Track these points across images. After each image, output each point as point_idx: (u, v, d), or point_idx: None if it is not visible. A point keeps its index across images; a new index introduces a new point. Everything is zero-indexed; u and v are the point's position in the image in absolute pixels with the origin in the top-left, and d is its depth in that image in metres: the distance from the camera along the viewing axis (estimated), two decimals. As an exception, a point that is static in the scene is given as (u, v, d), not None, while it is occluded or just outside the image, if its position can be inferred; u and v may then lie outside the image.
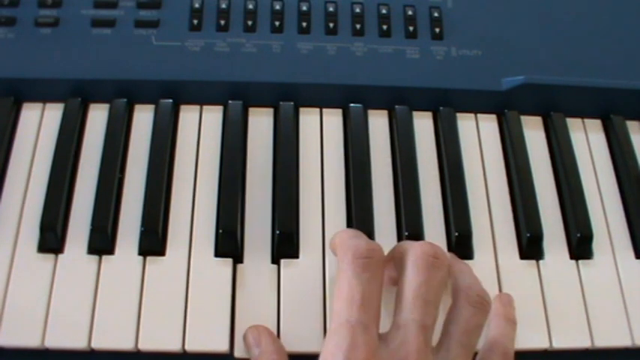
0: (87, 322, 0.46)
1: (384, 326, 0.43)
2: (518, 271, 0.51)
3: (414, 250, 0.44)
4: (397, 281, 0.44)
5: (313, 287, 0.48)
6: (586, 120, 0.59)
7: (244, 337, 0.46)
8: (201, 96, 0.56)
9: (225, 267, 0.49)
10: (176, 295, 0.47)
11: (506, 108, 0.57)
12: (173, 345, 0.46)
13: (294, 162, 0.53)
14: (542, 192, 0.54)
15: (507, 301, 0.48)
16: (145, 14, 0.57)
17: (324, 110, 0.57)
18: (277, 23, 0.58)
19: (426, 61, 0.57)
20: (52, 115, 0.55)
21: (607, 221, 0.54)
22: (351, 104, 0.56)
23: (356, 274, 0.42)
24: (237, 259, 0.49)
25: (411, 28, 0.59)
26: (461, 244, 0.51)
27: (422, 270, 0.43)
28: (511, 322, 0.47)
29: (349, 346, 0.40)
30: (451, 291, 0.45)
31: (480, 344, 0.45)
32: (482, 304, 0.44)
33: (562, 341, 0.48)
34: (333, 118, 0.56)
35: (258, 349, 0.45)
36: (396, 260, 0.45)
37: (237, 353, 0.46)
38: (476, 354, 0.45)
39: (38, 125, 0.54)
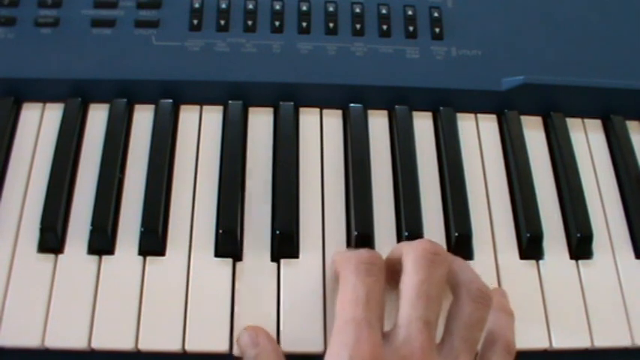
0: (87, 322, 0.46)
1: (387, 329, 0.43)
2: (518, 271, 0.51)
3: (413, 248, 0.44)
4: (397, 285, 0.44)
5: (313, 287, 0.48)
6: (586, 120, 0.59)
7: (238, 339, 0.46)
8: (201, 96, 0.56)
9: (225, 267, 0.49)
10: (176, 295, 0.47)
11: (506, 108, 0.57)
12: (173, 345, 0.46)
13: (294, 162, 0.53)
14: (542, 192, 0.54)
15: (502, 294, 0.48)
16: (145, 14, 0.57)
17: (324, 110, 0.57)
18: (277, 23, 0.58)
19: (426, 61, 0.57)
20: (52, 115, 0.55)
21: (607, 221, 0.54)
22: (351, 104, 0.56)
23: (360, 278, 0.43)
24: (237, 259, 0.49)
25: (411, 28, 0.59)
26: (461, 244, 0.51)
27: (423, 267, 0.43)
28: (509, 313, 0.47)
29: (354, 342, 0.40)
30: (451, 287, 0.45)
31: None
32: (483, 298, 0.44)
33: (562, 341, 0.48)
34: (333, 118, 0.56)
35: (256, 349, 0.45)
36: (395, 260, 0.45)
37: (236, 353, 0.46)
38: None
39: (38, 125, 0.54)
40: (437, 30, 0.59)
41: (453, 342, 0.42)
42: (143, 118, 0.55)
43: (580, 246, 0.52)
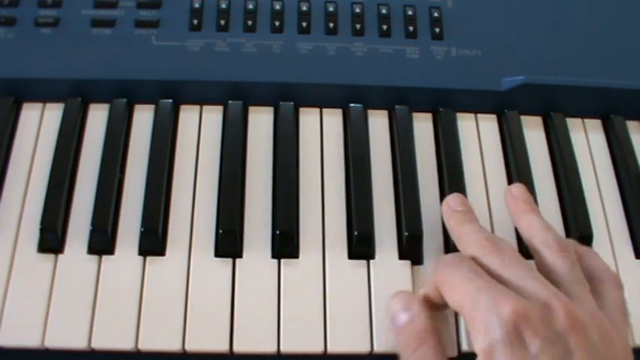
0: (87, 322, 0.46)
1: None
2: (518, 271, 0.51)
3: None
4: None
5: (313, 287, 0.48)
6: (586, 120, 0.59)
7: (390, 306, 0.45)
8: (201, 96, 0.56)
9: (225, 267, 0.49)
10: (176, 295, 0.47)
11: (506, 108, 0.57)
12: (173, 345, 0.46)
13: (294, 162, 0.53)
14: (542, 192, 0.54)
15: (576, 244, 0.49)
16: (145, 14, 0.57)
17: (324, 110, 0.57)
18: (277, 23, 0.58)
19: (426, 61, 0.57)
20: (52, 115, 0.55)
21: (607, 221, 0.54)
22: (351, 104, 0.56)
23: (457, 269, 0.42)
24: (238, 258, 0.49)
25: (411, 28, 0.59)
26: (461, 244, 0.51)
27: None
28: (594, 254, 0.48)
29: (493, 304, 0.39)
30: (531, 250, 0.46)
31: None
32: (563, 246, 0.45)
33: (562, 341, 0.48)
34: (333, 118, 0.56)
35: (408, 313, 0.44)
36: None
37: (236, 349, 0.46)
38: None
39: (38, 125, 0.54)
40: (437, 30, 0.59)
41: (569, 289, 0.42)
42: (143, 118, 0.55)
43: (580, 246, 0.52)
